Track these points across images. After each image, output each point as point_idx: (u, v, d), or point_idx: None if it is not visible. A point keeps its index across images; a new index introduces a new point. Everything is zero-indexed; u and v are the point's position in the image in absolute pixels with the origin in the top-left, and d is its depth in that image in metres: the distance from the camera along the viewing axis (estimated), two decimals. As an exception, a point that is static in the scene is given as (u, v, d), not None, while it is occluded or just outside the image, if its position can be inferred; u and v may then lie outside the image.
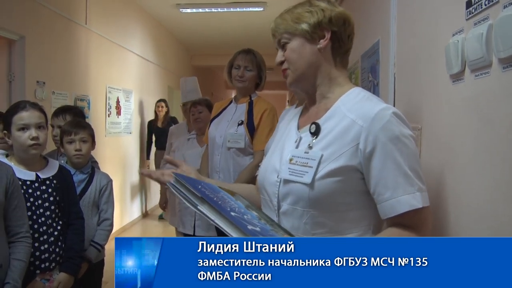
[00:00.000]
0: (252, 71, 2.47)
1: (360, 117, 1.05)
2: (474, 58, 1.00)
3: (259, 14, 6.65)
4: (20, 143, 1.82)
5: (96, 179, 2.30)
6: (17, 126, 1.82)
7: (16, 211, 1.67)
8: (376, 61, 2.02)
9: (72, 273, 1.94)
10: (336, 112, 1.11)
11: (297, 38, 1.15)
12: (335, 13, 1.14)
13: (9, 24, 3.47)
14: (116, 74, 5.66)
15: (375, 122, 1.02)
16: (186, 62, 9.78)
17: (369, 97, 1.11)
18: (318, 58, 1.15)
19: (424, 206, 1.00)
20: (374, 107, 1.05)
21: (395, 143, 1.01)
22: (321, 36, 1.14)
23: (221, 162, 2.46)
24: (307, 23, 1.14)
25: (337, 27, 1.14)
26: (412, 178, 1.00)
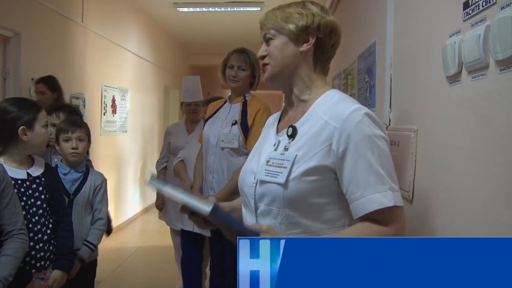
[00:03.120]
0: (246, 71, 2.46)
1: (333, 118, 1.08)
2: (471, 59, 0.99)
3: (256, 14, 6.64)
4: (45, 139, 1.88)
5: (90, 178, 2.29)
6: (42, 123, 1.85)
7: (8, 209, 1.64)
8: (373, 62, 2.01)
9: (66, 270, 1.93)
10: (311, 115, 1.14)
11: (282, 37, 1.18)
12: (324, 20, 1.16)
13: (4, 21, 3.45)
14: (112, 72, 5.63)
15: (347, 123, 1.04)
16: (183, 61, 9.76)
17: (343, 99, 1.13)
18: (298, 60, 1.17)
19: (396, 205, 1.01)
20: (347, 108, 1.07)
21: (366, 142, 1.03)
22: (305, 39, 1.16)
23: (215, 162, 2.45)
24: (295, 24, 1.16)
25: (322, 35, 1.16)
26: (383, 177, 1.01)
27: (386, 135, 1.08)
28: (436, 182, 1.21)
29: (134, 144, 6.56)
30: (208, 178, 2.48)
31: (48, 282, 1.86)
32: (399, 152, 1.49)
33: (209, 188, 2.48)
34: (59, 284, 1.89)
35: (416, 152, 1.36)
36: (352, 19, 2.70)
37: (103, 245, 4.71)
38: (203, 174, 2.54)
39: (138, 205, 6.83)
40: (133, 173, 6.55)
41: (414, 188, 1.37)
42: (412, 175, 1.37)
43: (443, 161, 1.17)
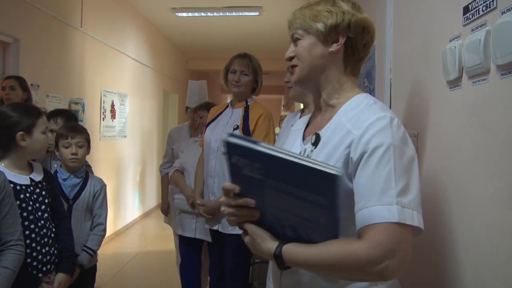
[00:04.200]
0: (249, 76, 2.46)
1: (355, 127, 1.00)
2: (471, 64, 0.99)
3: (255, 18, 6.66)
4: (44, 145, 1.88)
5: (90, 184, 2.29)
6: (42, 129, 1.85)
7: (7, 218, 1.63)
8: (372, 66, 2.02)
9: (69, 273, 1.94)
10: (336, 122, 1.06)
11: (311, 37, 1.11)
12: (355, 18, 1.08)
13: (3, 27, 3.45)
14: (111, 77, 5.64)
15: (368, 130, 0.96)
16: (182, 66, 9.77)
17: (370, 106, 1.04)
18: (327, 61, 1.10)
19: (401, 223, 0.89)
20: (371, 115, 0.99)
21: (384, 152, 0.93)
22: (335, 39, 1.09)
23: (216, 166, 2.44)
24: (323, 23, 1.09)
25: (353, 34, 1.09)
26: (392, 189, 0.91)
27: (411, 149, 0.97)
28: (437, 187, 1.21)
29: (133, 149, 6.56)
30: (209, 182, 2.48)
31: (53, 285, 1.85)
32: (399, 156, 1.49)
33: (210, 193, 2.48)
34: (63, 287, 1.88)
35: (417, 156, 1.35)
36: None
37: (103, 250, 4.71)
38: (204, 179, 2.54)
39: (138, 210, 6.81)
40: (133, 178, 6.54)
41: (415, 193, 1.36)
42: (413, 179, 1.36)
43: (444, 166, 1.17)
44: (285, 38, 1.19)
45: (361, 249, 0.89)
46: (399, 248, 0.89)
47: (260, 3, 6.04)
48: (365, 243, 0.90)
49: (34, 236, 1.79)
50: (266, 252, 1.00)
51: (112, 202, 5.51)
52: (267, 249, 1.00)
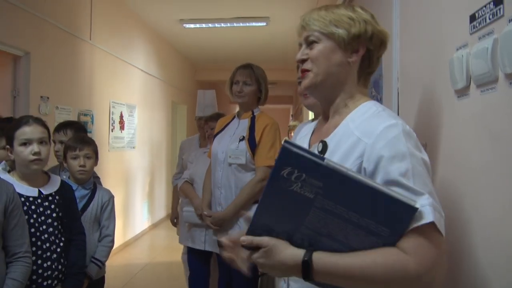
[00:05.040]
0: (251, 86, 2.47)
1: (365, 134, 0.96)
2: (479, 73, 0.98)
3: (262, 29, 6.69)
4: (22, 158, 1.81)
5: (98, 195, 2.29)
6: (20, 141, 1.81)
7: (15, 230, 1.64)
8: (379, 76, 2.01)
9: None
10: (343, 130, 1.02)
11: (330, 42, 1.05)
12: (377, 30, 1.05)
13: (14, 41, 3.50)
14: (120, 89, 5.68)
15: (380, 139, 0.92)
16: (190, 76, 9.83)
17: (379, 113, 1.00)
18: (343, 70, 1.05)
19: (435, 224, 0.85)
20: (382, 123, 0.95)
21: (399, 161, 0.89)
22: (355, 49, 1.05)
23: (223, 178, 2.44)
24: (346, 30, 1.03)
25: (373, 46, 1.06)
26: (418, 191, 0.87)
27: (426, 157, 0.94)
28: (445, 197, 1.19)
29: (142, 160, 6.58)
30: (216, 193, 2.47)
31: None
32: (408, 166, 1.47)
33: (217, 204, 2.47)
34: None
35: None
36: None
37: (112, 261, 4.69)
38: (211, 190, 2.53)
39: (146, 220, 6.82)
40: (141, 189, 6.56)
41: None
42: (422, 189, 1.35)
43: (452, 175, 1.15)
44: (292, 48, 1.17)
45: (410, 264, 0.84)
46: (441, 258, 0.87)
47: (267, 13, 6.07)
48: (413, 257, 0.84)
49: (35, 250, 1.78)
50: (289, 259, 0.90)
51: (121, 212, 5.52)
52: (291, 256, 0.90)
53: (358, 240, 0.87)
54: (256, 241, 0.93)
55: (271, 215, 0.91)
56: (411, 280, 0.85)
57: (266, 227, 0.92)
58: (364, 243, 0.86)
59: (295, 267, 0.90)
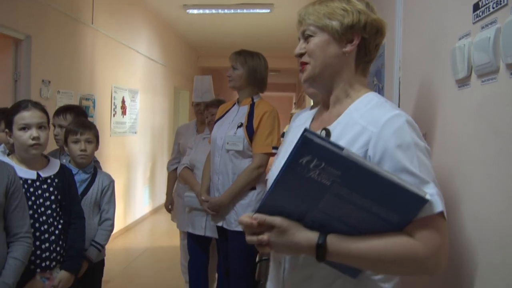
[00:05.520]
0: (238, 70, 2.47)
1: (370, 123, 0.99)
2: (480, 63, 0.97)
3: (265, 16, 6.64)
4: (21, 142, 1.81)
5: (98, 179, 2.30)
6: (19, 125, 1.81)
7: (16, 212, 1.66)
8: (381, 64, 1.99)
9: (73, 272, 1.94)
10: (347, 118, 1.06)
11: (325, 35, 1.08)
12: (371, 19, 1.08)
13: (15, 24, 3.49)
14: (122, 74, 5.67)
15: (386, 128, 0.96)
16: (193, 62, 9.79)
17: (382, 104, 1.04)
18: (339, 61, 1.09)
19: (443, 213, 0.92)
20: (386, 113, 0.99)
21: (405, 150, 0.94)
22: (349, 39, 1.08)
23: (221, 164, 2.45)
24: (339, 21, 1.07)
25: (368, 35, 1.08)
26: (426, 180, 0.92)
27: (428, 146, 0.99)
28: (444, 187, 1.19)
29: (144, 145, 6.59)
30: (214, 179, 2.49)
31: (53, 282, 1.87)
32: (407, 156, 1.47)
33: (215, 190, 2.48)
34: (64, 285, 1.90)
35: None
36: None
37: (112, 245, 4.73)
38: (210, 175, 2.54)
39: (147, 205, 6.86)
40: (143, 174, 6.58)
41: (422, 193, 1.35)
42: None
43: (452, 165, 1.15)
44: (296, 36, 1.17)
45: (419, 249, 0.91)
46: (445, 244, 0.93)
47: (271, 0, 6.02)
48: (421, 243, 0.91)
49: (33, 231, 1.80)
50: (303, 241, 0.95)
51: (122, 197, 5.55)
52: (306, 239, 0.95)
53: (368, 225, 0.92)
54: (269, 220, 0.96)
55: (284, 197, 0.95)
56: (420, 264, 0.92)
57: (277, 208, 0.96)
58: (373, 227, 0.93)
59: (309, 248, 0.95)
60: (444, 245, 0.93)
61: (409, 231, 0.92)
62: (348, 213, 0.92)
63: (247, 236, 1.00)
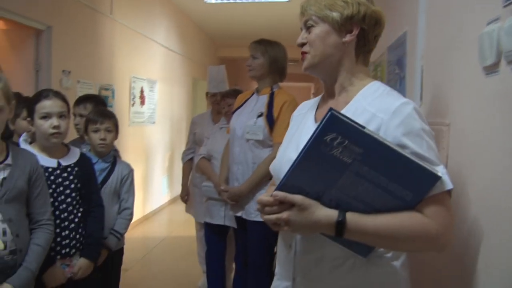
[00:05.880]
0: (258, 59, 2.45)
1: (381, 110, 1.04)
2: (511, 48, 0.93)
3: (284, 5, 6.57)
4: (42, 131, 1.84)
5: (118, 169, 2.32)
6: (40, 114, 1.84)
7: (38, 199, 1.69)
8: (403, 53, 1.94)
9: (92, 259, 1.97)
10: (356, 105, 1.10)
11: (325, 25, 1.13)
12: (370, 11, 1.13)
13: (36, 14, 3.52)
14: (141, 64, 5.69)
15: (397, 115, 1.02)
16: (211, 53, 9.78)
17: (389, 92, 1.10)
18: (339, 50, 1.14)
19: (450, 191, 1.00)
20: (395, 101, 1.05)
21: (415, 136, 1.00)
22: (349, 30, 1.13)
23: (240, 154, 2.44)
24: (340, 13, 1.12)
25: (367, 26, 1.13)
26: (436, 162, 1.00)
27: (433, 132, 1.05)
28: (469, 179, 1.15)
29: (162, 135, 6.63)
30: (234, 169, 2.48)
31: (73, 269, 1.90)
32: (430, 146, 1.43)
33: (234, 180, 2.48)
34: (84, 272, 1.93)
35: (449, 147, 1.30)
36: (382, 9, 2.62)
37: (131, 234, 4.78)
38: (229, 165, 2.54)
39: (166, 195, 6.92)
40: (161, 164, 6.63)
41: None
42: (444, 171, 1.31)
43: (477, 157, 1.11)
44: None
45: (432, 226, 0.97)
46: (453, 221, 1.01)
47: (290, -11, 5.95)
48: (434, 220, 0.97)
49: (53, 219, 1.82)
50: (323, 219, 0.99)
51: (141, 187, 5.60)
52: (326, 216, 0.99)
53: (383, 203, 0.98)
54: (290, 198, 1.00)
55: (305, 176, 0.99)
56: (432, 240, 0.98)
57: (298, 186, 1.00)
58: (388, 206, 0.97)
59: (328, 226, 0.99)
60: (452, 222, 1.00)
61: (421, 209, 0.98)
62: (365, 191, 0.96)
63: (264, 215, 1.04)
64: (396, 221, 0.98)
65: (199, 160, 2.98)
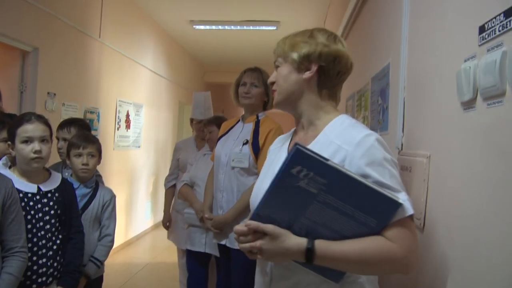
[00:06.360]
0: (259, 88, 2.46)
1: (346, 142, 1.11)
2: (486, 85, 0.95)
3: (272, 33, 6.69)
4: (23, 155, 1.81)
5: (99, 194, 2.28)
6: (21, 138, 1.81)
7: (12, 225, 1.64)
8: (386, 84, 1.98)
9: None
10: (323, 139, 1.17)
11: (287, 65, 1.23)
12: (327, 49, 1.19)
13: (23, 36, 3.52)
14: (127, 87, 5.69)
15: (360, 147, 1.08)
16: (199, 77, 9.84)
17: (354, 124, 1.17)
18: (301, 87, 1.22)
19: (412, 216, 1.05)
20: (359, 133, 1.11)
21: (378, 166, 1.06)
22: (307, 67, 1.20)
23: (225, 181, 2.42)
24: (297, 53, 1.20)
25: (325, 63, 1.20)
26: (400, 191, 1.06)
27: (396, 160, 1.11)
28: (449, 212, 1.16)
29: (147, 160, 6.58)
30: (218, 197, 2.46)
31: None
32: (411, 178, 1.45)
33: (218, 207, 2.46)
34: None
35: (429, 179, 1.31)
36: (367, 41, 2.68)
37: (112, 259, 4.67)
38: (214, 193, 2.52)
39: (149, 220, 6.81)
40: (145, 188, 6.56)
41: (425, 216, 1.32)
42: (424, 202, 1.32)
43: (457, 189, 1.13)
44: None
45: (396, 249, 1.02)
46: (417, 244, 1.06)
47: (277, 18, 6.07)
48: (397, 243, 1.02)
49: (30, 246, 1.78)
50: (294, 246, 1.04)
51: (124, 211, 5.52)
52: (296, 244, 1.04)
53: (350, 230, 1.03)
54: (262, 227, 1.06)
55: (276, 206, 1.05)
56: (397, 262, 1.03)
57: (269, 216, 1.06)
58: (354, 232, 1.03)
59: (299, 253, 1.04)
60: (416, 245, 1.05)
61: (386, 233, 1.03)
62: (332, 219, 1.02)
63: (239, 244, 1.08)
64: (362, 246, 1.02)
65: (182, 187, 2.96)
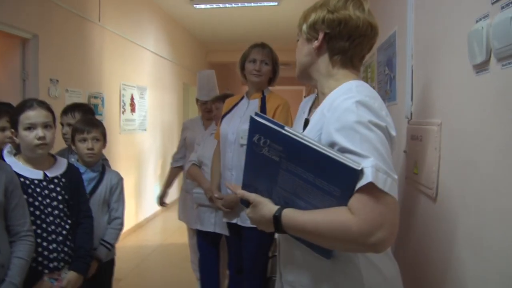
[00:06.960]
0: (269, 65, 2.41)
1: (328, 109, 1.07)
2: (501, 45, 0.90)
3: (273, 9, 6.56)
4: (27, 142, 1.79)
5: (106, 178, 2.28)
6: (24, 125, 1.79)
7: (16, 210, 1.64)
8: (393, 53, 1.93)
9: (81, 272, 1.91)
10: (321, 108, 1.14)
11: (301, 38, 1.24)
12: (331, 15, 1.15)
13: (22, 23, 3.48)
14: (130, 71, 5.65)
15: (335, 112, 1.03)
16: (202, 58, 9.75)
17: (350, 89, 1.08)
18: (313, 57, 1.20)
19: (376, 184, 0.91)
20: (341, 97, 1.05)
21: (348, 130, 0.98)
22: (315, 36, 1.19)
23: (234, 159, 2.39)
24: (306, 23, 1.20)
25: (329, 29, 1.16)
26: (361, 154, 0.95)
27: (385, 123, 1.02)
28: (463, 180, 1.13)
29: (154, 142, 6.58)
30: (227, 175, 2.43)
31: (62, 283, 1.84)
32: (421, 147, 1.41)
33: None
34: (73, 286, 1.88)
35: (440, 147, 1.27)
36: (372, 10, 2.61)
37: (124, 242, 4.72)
38: (221, 172, 2.50)
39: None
40: (153, 171, 6.58)
41: (438, 186, 1.29)
42: (436, 171, 1.29)
43: (470, 156, 1.09)
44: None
45: (353, 222, 0.92)
46: (389, 219, 0.92)
47: (278, -8, 5.94)
48: (356, 216, 0.92)
49: (40, 232, 1.78)
50: (267, 214, 1.07)
51: (133, 194, 5.54)
52: (268, 211, 1.07)
53: (319, 200, 0.99)
54: (246, 196, 1.12)
55: (253, 176, 1.10)
56: (354, 238, 0.92)
57: (253, 186, 1.12)
58: (323, 202, 0.98)
59: (270, 220, 1.06)
60: (384, 218, 0.91)
61: (350, 204, 0.94)
62: (301, 188, 1.00)
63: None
64: (319, 216, 0.98)
65: (190, 167, 2.94)
